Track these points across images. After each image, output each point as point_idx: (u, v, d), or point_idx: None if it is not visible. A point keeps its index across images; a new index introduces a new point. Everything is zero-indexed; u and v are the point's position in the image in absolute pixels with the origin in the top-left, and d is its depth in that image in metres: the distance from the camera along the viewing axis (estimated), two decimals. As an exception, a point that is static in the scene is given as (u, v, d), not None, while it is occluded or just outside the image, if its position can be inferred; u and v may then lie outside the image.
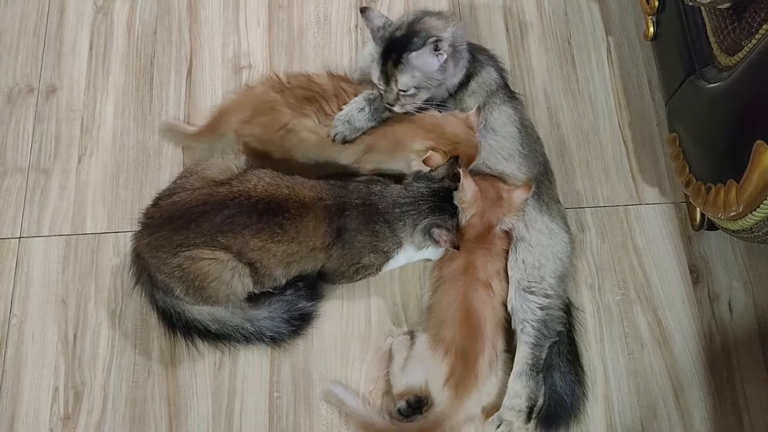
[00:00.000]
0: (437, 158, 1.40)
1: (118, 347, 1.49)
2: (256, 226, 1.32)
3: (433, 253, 1.47)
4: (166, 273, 1.35)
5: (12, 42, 1.76)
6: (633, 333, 1.51)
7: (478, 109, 1.46)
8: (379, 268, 1.45)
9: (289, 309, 1.46)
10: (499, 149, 1.50)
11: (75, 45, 1.76)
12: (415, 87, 1.41)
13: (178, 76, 1.73)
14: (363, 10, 1.44)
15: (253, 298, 1.45)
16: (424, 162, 1.40)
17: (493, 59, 1.60)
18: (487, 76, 1.54)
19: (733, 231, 1.29)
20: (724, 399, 1.47)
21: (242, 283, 1.35)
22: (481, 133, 1.49)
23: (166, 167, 1.63)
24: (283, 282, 1.43)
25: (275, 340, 1.46)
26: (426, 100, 1.45)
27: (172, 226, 1.33)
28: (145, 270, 1.41)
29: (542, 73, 1.74)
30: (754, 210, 1.16)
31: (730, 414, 1.46)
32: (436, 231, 1.36)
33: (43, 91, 1.71)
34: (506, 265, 1.45)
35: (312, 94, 1.49)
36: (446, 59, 1.41)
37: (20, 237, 1.58)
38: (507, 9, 1.81)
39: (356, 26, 1.79)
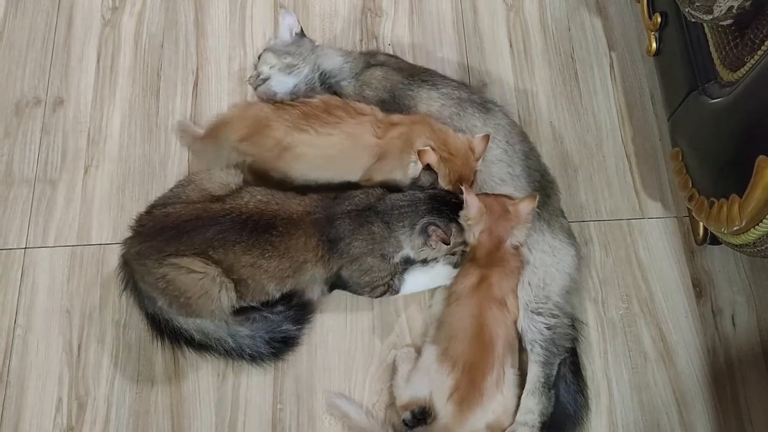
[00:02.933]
0: (432, 156, 1.41)
1: (122, 358, 1.49)
2: (247, 242, 1.34)
3: (445, 277, 1.49)
4: (150, 283, 1.35)
5: (20, 54, 1.78)
6: (636, 347, 1.51)
7: (486, 136, 1.46)
8: (388, 278, 1.44)
9: (272, 330, 1.45)
10: (490, 176, 1.51)
11: (82, 57, 1.78)
12: (269, 56, 1.56)
13: (184, 89, 1.75)
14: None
15: (240, 312, 1.44)
16: (419, 155, 1.40)
17: (432, 78, 1.59)
18: (425, 107, 1.55)
19: (736, 245, 1.30)
20: (728, 413, 1.46)
21: (228, 297, 1.35)
22: None
23: (172, 179, 1.63)
24: (277, 296, 1.43)
25: (254, 359, 1.45)
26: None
27: (164, 237, 1.34)
28: (132, 276, 1.42)
29: (546, 88, 1.75)
30: (757, 225, 1.16)
31: (733, 428, 1.45)
32: (431, 227, 1.37)
33: (50, 103, 1.73)
34: (520, 284, 1.46)
35: (309, 110, 1.48)
36: (295, 41, 1.59)
37: (26, 247, 1.59)
38: (510, 24, 1.83)
39: (361, 40, 1.81)
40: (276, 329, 1.45)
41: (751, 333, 1.53)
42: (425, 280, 1.50)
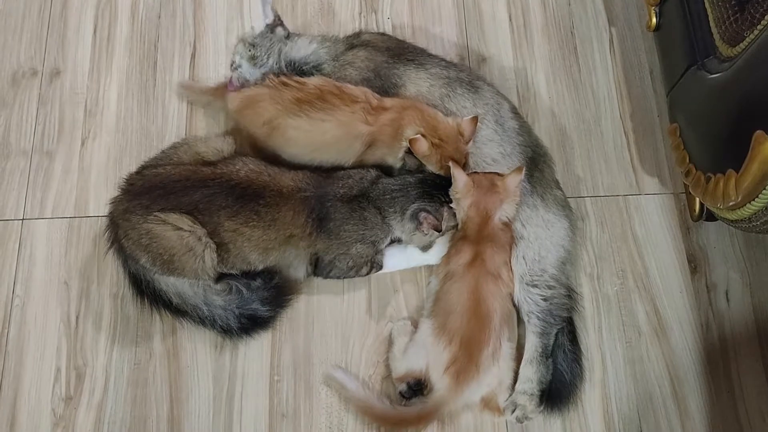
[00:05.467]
0: (423, 143, 1.40)
1: (120, 329, 1.50)
2: (232, 208, 1.35)
3: (433, 256, 1.49)
4: (133, 239, 1.35)
5: (16, 24, 1.77)
6: (631, 322, 1.53)
7: (474, 119, 1.45)
8: (371, 263, 1.45)
9: (242, 306, 1.45)
10: (482, 157, 1.50)
11: (79, 28, 1.77)
12: (240, 47, 1.56)
13: (181, 61, 1.74)
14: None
15: (221, 279, 1.46)
16: (411, 143, 1.40)
17: (419, 57, 1.57)
18: (413, 87, 1.53)
19: (732, 221, 1.30)
20: (720, 387, 1.48)
21: (211, 257, 1.36)
22: None
23: (169, 151, 1.63)
24: (260, 267, 1.44)
25: (225, 331, 1.46)
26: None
27: (151, 196, 1.35)
28: (118, 236, 1.42)
29: (545, 63, 1.75)
30: (753, 200, 1.16)
31: (725, 402, 1.47)
32: (422, 214, 1.38)
33: (46, 74, 1.72)
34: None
35: (303, 96, 1.46)
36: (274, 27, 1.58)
37: (23, 219, 1.59)
38: (510, -2, 1.82)
39: (360, 13, 1.80)
40: (245, 306, 1.45)
41: (745, 309, 1.54)
42: (411, 258, 1.51)
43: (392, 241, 1.47)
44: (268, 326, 1.49)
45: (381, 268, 1.48)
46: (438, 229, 1.38)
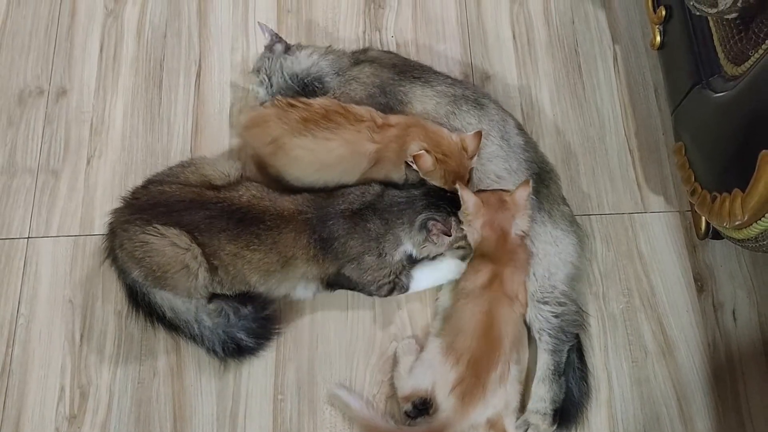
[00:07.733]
0: (428, 159, 1.40)
1: (124, 348, 1.50)
2: (232, 232, 1.35)
3: (454, 271, 1.48)
4: (128, 250, 1.36)
5: (23, 44, 1.78)
6: (637, 341, 1.52)
7: (478, 134, 1.44)
8: (392, 276, 1.44)
9: (227, 331, 1.44)
10: (487, 173, 1.50)
11: (85, 47, 1.78)
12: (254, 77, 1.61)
13: (186, 80, 1.74)
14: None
15: (215, 300, 1.45)
16: (415, 159, 1.39)
17: (425, 75, 1.58)
18: (419, 105, 1.53)
19: (738, 240, 1.30)
20: (728, 407, 1.47)
21: (204, 276, 1.36)
22: None
23: (174, 170, 1.64)
24: (260, 289, 1.42)
25: (209, 352, 1.45)
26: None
27: (154, 213, 1.36)
28: (115, 245, 1.42)
29: (549, 81, 1.75)
30: (759, 219, 1.16)
31: (733, 423, 1.46)
32: (431, 222, 1.38)
33: (53, 93, 1.73)
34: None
35: (309, 115, 1.46)
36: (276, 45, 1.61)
37: (29, 237, 1.59)
38: (514, 16, 1.82)
39: (364, 32, 1.80)
40: (230, 331, 1.44)
41: (752, 328, 1.53)
42: (434, 275, 1.50)
43: (411, 260, 1.46)
44: (253, 354, 1.47)
45: (406, 290, 1.47)
46: (448, 234, 1.39)
